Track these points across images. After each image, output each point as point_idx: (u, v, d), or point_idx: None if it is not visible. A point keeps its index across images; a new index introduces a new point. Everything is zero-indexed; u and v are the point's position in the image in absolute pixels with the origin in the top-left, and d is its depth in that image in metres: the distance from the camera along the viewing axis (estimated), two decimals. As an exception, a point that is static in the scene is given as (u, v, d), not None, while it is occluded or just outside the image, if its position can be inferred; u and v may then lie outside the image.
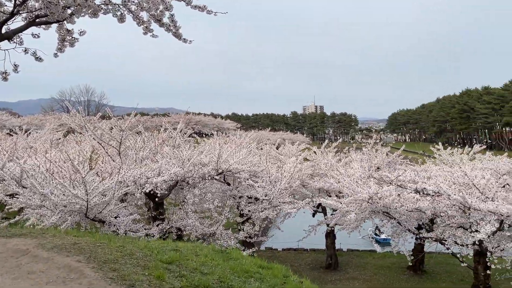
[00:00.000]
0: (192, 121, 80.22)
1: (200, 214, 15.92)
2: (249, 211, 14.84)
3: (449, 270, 19.28)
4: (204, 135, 69.09)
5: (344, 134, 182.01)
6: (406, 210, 11.80)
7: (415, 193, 12.44)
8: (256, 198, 15.19)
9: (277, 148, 21.86)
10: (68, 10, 5.26)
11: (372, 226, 26.26)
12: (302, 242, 20.89)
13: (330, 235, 19.99)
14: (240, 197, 15.93)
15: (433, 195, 12.34)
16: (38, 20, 5.38)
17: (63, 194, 10.04)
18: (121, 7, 5.64)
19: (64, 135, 25.18)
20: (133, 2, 5.71)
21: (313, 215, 20.23)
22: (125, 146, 14.01)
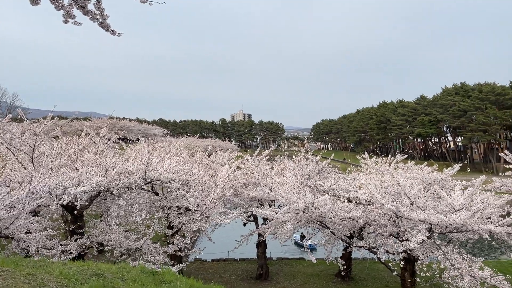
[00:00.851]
0: (117, 126, 76.43)
1: (125, 227, 14.70)
2: (180, 223, 13.97)
3: (375, 276, 19.92)
4: (129, 141, 65.98)
5: (271, 142, 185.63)
6: (340, 219, 11.78)
7: (348, 202, 12.51)
8: (187, 209, 14.37)
9: (209, 156, 21.14)
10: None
11: (297, 233, 26.51)
12: (232, 252, 20.38)
13: (262, 245, 19.69)
14: (170, 208, 14.98)
15: (365, 204, 12.51)
16: None
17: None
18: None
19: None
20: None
21: (244, 224, 19.81)
22: (40, 152, 12.46)
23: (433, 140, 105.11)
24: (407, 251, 11.18)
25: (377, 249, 11.82)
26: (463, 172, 18.64)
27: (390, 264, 12.48)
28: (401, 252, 11.03)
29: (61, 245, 12.13)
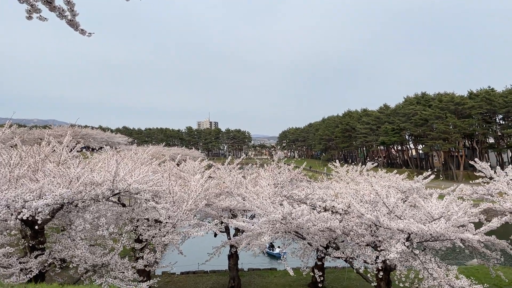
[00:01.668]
0: (79, 134, 73.61)
1: (91, 241, 13.82)
2: (149, 236, 13.26)
3: (347, 285, 19.83)
4: (94, 150, 63.73)
5: (238, 150, 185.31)
6: (318, 230, 11.51)
7: (324, 212, 12.27)
8: (157, 221, 13.69)
9: (178, 165, 20.46)
10: None
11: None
12: (202, 264, 19.71)
13: (233, 256, 19.16)
14: (138, 220, 14.22)
15: (341, 213, 12.31)
16: None
17: None
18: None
19: None
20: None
21: (215, 235, 19.22)
22: (-4, 162, 11.50)
23: (396, 148, 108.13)
24: (385, 261, 11.04)
25: (355, 259, 11.62)
26: (436, 180, 18.93)
27: (369, 275, 12.30)
28: (380, 262, 10.86)
29: (20, 263, 11.17)
